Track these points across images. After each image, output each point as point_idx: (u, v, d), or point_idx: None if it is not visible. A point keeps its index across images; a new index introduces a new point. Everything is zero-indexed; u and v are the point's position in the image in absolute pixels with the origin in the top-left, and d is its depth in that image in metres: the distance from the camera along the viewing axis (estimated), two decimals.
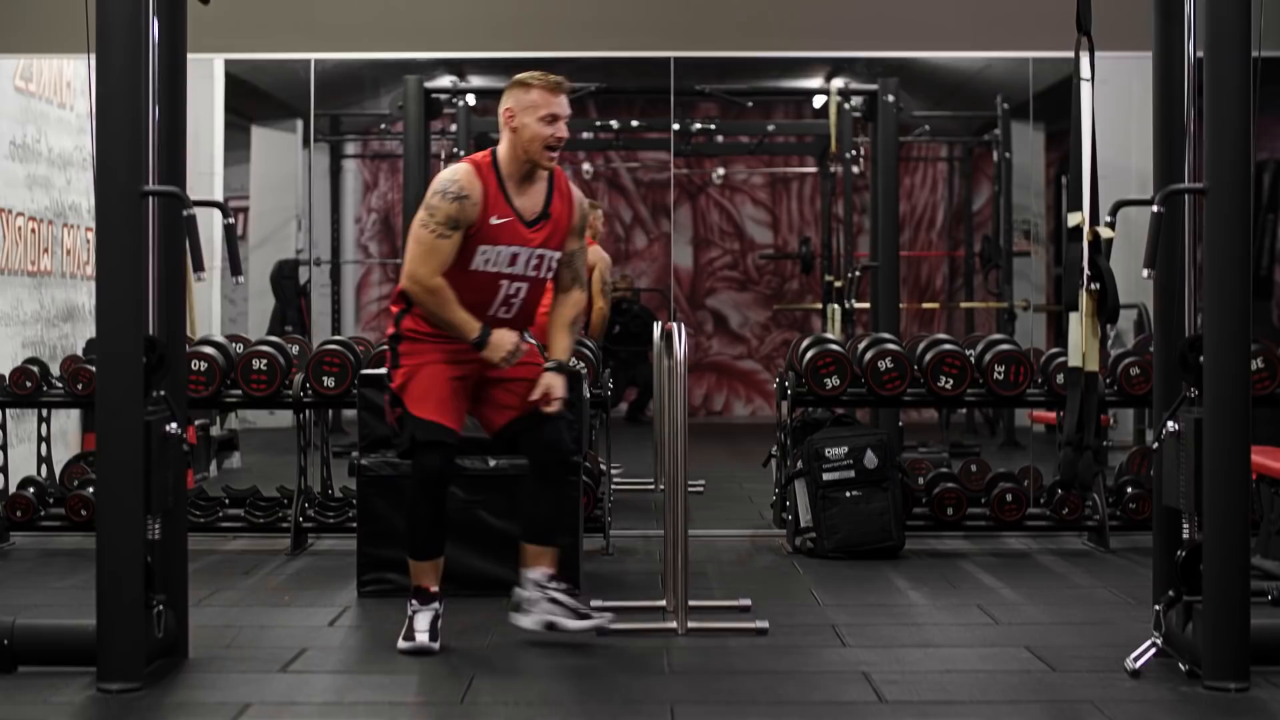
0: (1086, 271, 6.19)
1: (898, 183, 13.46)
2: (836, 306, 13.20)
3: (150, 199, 5.87)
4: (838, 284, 14.61)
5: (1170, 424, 6.03)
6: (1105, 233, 6.20)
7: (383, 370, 7.65)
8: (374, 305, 18.63)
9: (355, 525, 8.84)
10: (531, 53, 9.82)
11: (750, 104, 15.12)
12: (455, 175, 6.39)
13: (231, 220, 6.08)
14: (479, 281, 6.43)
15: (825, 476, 8.90)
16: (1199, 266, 6.10)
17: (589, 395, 8.49)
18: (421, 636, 6.43)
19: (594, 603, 6.97)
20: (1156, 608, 6.07)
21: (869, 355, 9.14)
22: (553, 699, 5.80)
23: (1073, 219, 6.27)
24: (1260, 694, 5.68)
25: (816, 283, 17.73)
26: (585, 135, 16.09)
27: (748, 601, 7.27)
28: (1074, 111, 6.52)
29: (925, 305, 17.50)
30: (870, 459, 8.91)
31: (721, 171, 19.08)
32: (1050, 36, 9.61)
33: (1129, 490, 9.25)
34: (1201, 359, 5.92)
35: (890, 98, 12.88)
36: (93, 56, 5.72)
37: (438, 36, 9.56)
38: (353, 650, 6.64)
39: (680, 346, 6.90)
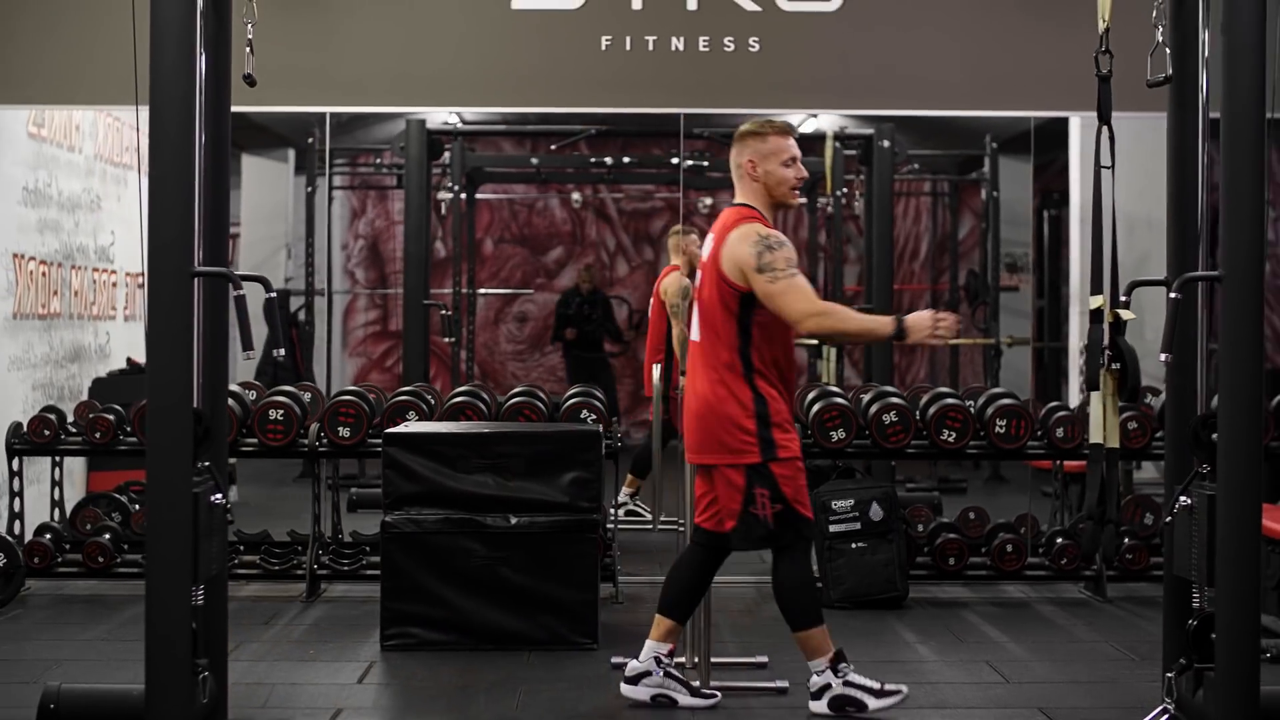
0: (1108, 352, 6.39)
1: (891, 223, 13.71)
2: (832, 349, 13.39)
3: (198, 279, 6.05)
4: None
5: (1183, 499, 6.24)
6: (1125, 315, 6.39)
7: (417, 428, 7.90)
8: (359, 331, 18.84)
9: (368, 572, 9.07)
10: (544, 108, 10.05)
11: None
12: (768, 231, 6.57)
13: (271, 295, 6.18)
14: (783, 330, 6.59)
15: (832, 528, 9.11)
16: (1209, 346, 6.33)
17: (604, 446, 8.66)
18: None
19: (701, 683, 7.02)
20: (1169, 675, 6.28)
21: (874, 409, 9.35)
22: None
23: (1094, 301, 6.45)
24: None
25: None
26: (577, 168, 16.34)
27: (764, 658, 7.47)
28: (1095, 195, 6.67)
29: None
30: (876, 511, 9.12)
31: (709, 201, 19.30)
32: (1052, 96, 9.91)
33: (1126, 541, 9.47)
34: (1214, 436, 6.14)
35: (886, 143, 13.11)
36: (143, 137, 5.89)
37: (448, 91, 9.73)
38: (387, 710, 6.83)
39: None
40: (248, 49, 6.34)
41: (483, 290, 18.29)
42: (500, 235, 19.02)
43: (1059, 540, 9.42)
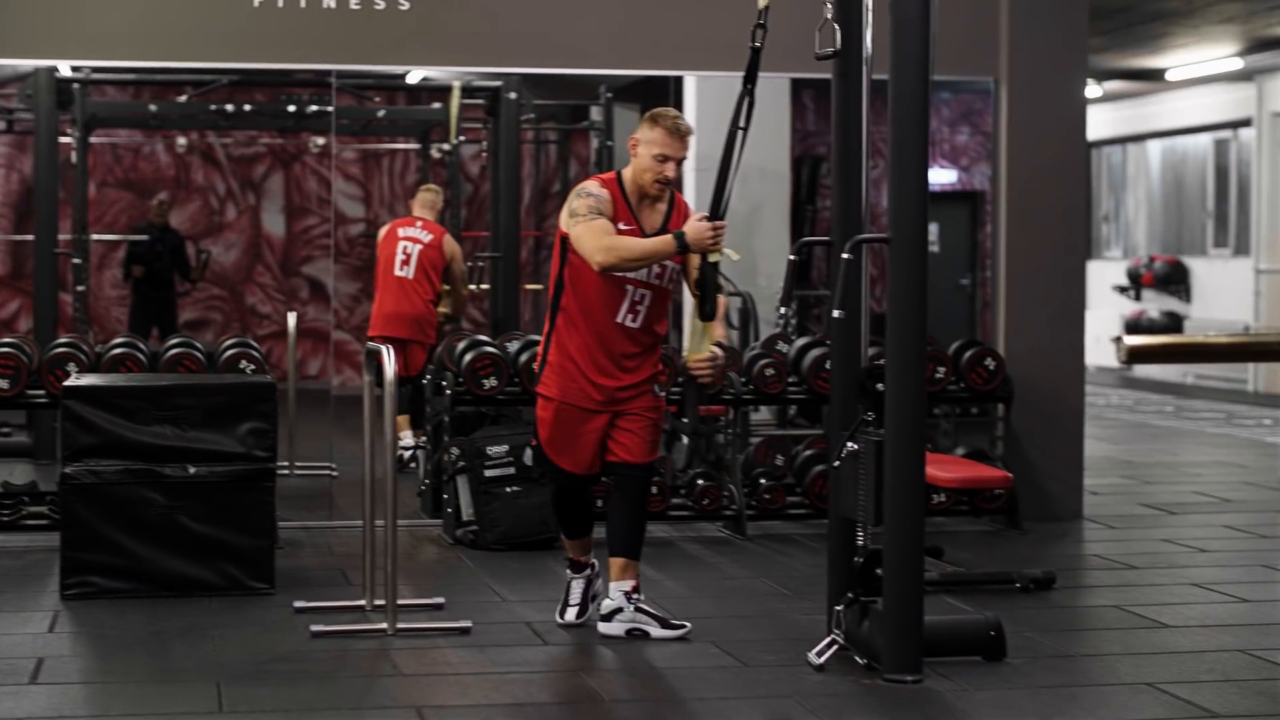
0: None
1: (519, 173, 14.05)
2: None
3: None
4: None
5: (850, 444, 6.73)
6: (731, 254, 7.11)
7: (94, 380, 7.99)
8: None
9: (29, 523, 9.11)
10: (197, 63, 10.14)
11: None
12: (587, 184, 7.18)
13: None
14: (608, 287, 7.07)
15: (487, 473, 9.44)
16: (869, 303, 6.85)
17: None
18: (571, 613, 7.38)
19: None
20: (838, 608, 6.77)
21: (524, 357, 9.71)
22: (303, 704, 6.20)
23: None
24: (932, 684, 6.42)
25: None
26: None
27: (441, 599, 7.77)
28: (726, 151, 7.17)
29: (529, 287, 18.07)
30: (529, 456, 9.46)
31: (321, 141, 19.36)
32: (687, 57, 10.38)
33: (762, 482, 10.00)
34: (879, 386, 6.65)
35: (513, 95, 13.43)
36: None
37: (102, 46, 9.77)
38: (88, 658, 6.96)
39: (390, 370, 7.28)
40: None
41: (95, 236, 18.07)
42: (103, 180, 18.79)
43: (700, 482, 9.89)
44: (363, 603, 7.65)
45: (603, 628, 7.24)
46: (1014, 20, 10.35)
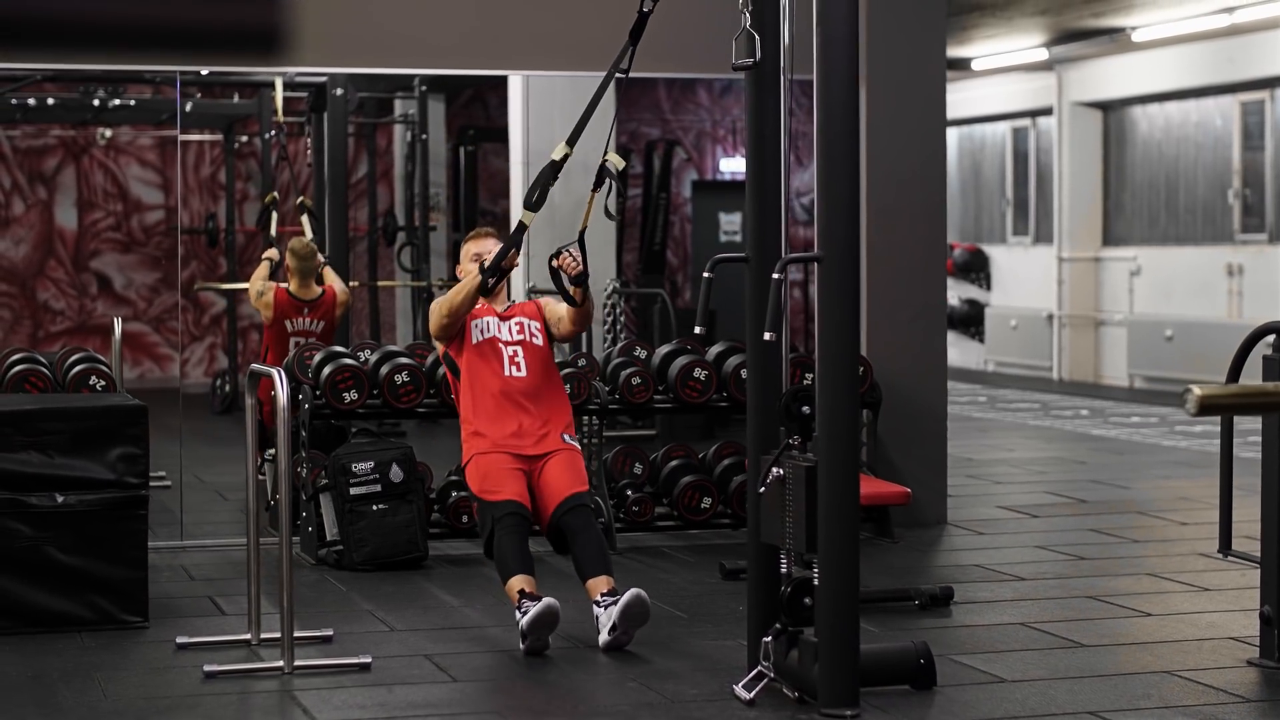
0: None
1: (347, 169, 13.70)
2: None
3: None
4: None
5: (775, 469, 6.50)
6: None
7: None
8: None
9: None
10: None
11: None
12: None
13: None
14: (486, 354, 7.63)
15: (353, 491, 9.08)
16: (793, 324, 6.63)
17: None
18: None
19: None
20: (765, 639, 6.54)
21: (384, 369, 9.37)
22: None
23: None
24: (871, 718, 6.23)
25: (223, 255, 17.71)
26: None
27: (330, 631, 7.43)
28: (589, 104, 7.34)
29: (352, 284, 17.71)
30: (396, 473, 9.15)
31: (108, 132, 18.82)
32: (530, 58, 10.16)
33: (630, 494, 9.76)
34: (804, 409, 6.44)
35: (339, 90, 13.06)
36: None
37: None
38: None
39: (283, 394, 6.92)
40: None
41: None
42: None
43: None
44: (248, 637, 7.29)
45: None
46: (871, 16, 10.17)
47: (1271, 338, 6.85)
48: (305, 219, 12.29)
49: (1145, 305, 19.43)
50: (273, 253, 11.60)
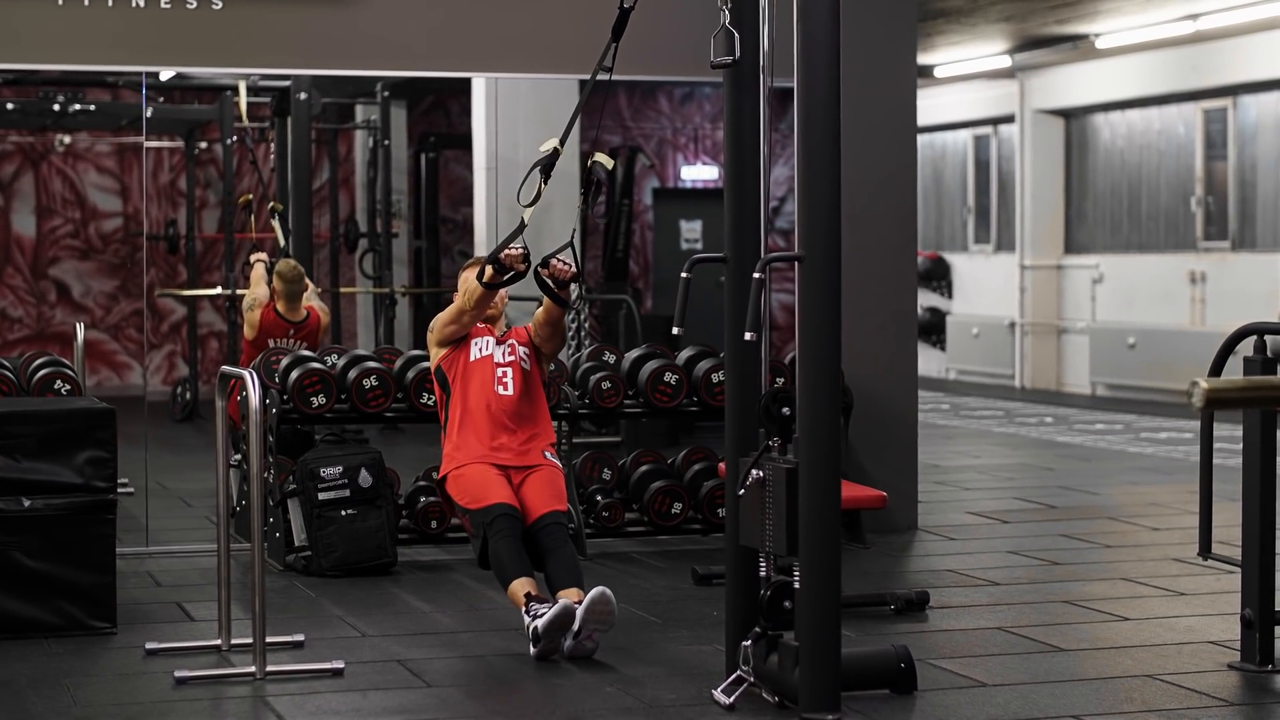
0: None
1: (310, 173, 13.60)
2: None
3: None
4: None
5: (755, 471, 6.43)
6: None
7: None
8: None
9: None
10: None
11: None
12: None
13: None
14: (480, 372, 7.67)
15: (321, 496, 8.99)
16: (775, 324, 6.57)
17: None
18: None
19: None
20: (745, 643, 6.47)
21: (352, 373, 9.28)
22: None
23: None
24: None
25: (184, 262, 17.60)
26: None
27: (301, 636, 7.34)
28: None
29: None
30: (365, 478, 9.05)
31: (66, 139, 18.70)
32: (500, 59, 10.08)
33: (599, 499, 9.69)
34: (784, 411, 6.37)
35: (303, 95, 12.96)
36: None
37: None
38: None
39: (255, 396, 6.82)
40: None
41: None
42: None
43: None
44: (218, 642, 7.19)
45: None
46: (843, 24, 10.08)
47: (1253, 339, 6.82)
48: (276, 222, 12.21)
49: (1107, 313, 19.43)
50: (261, 255, 11.53)
